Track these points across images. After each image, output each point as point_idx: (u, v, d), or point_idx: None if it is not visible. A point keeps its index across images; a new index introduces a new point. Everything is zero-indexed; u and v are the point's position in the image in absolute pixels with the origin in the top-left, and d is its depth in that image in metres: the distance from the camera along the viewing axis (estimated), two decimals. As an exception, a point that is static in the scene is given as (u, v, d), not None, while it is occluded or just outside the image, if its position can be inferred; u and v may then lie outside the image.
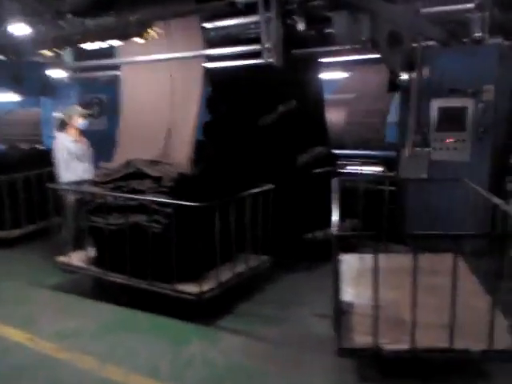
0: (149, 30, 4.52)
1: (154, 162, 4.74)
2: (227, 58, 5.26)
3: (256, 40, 4.72)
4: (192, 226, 4.28)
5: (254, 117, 5.95)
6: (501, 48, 6.21)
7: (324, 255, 4.23)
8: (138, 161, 4.78)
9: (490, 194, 4.55)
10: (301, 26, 4.60)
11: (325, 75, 7.46)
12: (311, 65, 6.63)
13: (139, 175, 4.66)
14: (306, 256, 5.89)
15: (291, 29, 4.97)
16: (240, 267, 4.94)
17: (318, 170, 6.02)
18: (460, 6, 7.23)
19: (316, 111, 6.78)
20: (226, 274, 4.74)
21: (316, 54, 6.05)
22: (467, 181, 4.64)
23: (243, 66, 5.69)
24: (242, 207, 4.93)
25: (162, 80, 5.26)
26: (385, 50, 5.80)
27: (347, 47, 5.66)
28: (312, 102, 6.66)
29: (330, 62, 7.05)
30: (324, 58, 6.60)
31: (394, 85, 8.66)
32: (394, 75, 8.72)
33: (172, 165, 4.82)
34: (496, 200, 4.24)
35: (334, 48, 5.79)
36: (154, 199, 4.43)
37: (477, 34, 6.80)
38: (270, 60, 4.62)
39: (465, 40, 7.10)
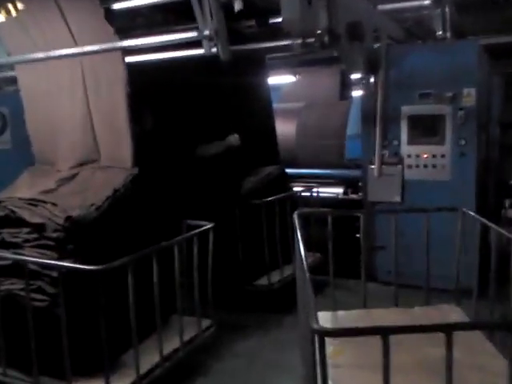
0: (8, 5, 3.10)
1: (36, 201, 3.26)
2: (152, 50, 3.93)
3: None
4: (92, 295, 2.89)
5: (190, 140, 4.59)
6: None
7: (282, 304, 3.53)
8: (13, 200, 3.30)
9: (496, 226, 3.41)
10: (237, 5, 3.31)
11: (269, 80, 6.20)
12: (257, 66, 5.37)
13: (14, 221, 3.20)
14: (259, 308, 4.59)
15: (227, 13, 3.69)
16: (171, 343, 3.52)
17: (269, 199, 4.73)
18: (416, 3, 6.35)
19: (264, 123, 5.52)
20: (149, 357, 3.33)
21: (258, 51, 4.78)
22: (468, 211, 3.54)
23: (176, 67, 4.36)
24: (170, 256, 3.55)
25: (72, 79, 3.79)
26: (345, 44, 4.63)
27: (297, 41, 4.44)
28: (259, 113, 5.39)
29: (274, 64, 5.82)
30: (268, 55, 5.33)
31: (346, 91, 7.69)
32: (346, 79, 7.73)
33: (57, 206, 3.30)
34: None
35: (280, 43, 4.58)
36: (32, 259, 2.98)
37: (439, 33, 5.89)
38: (214, 50, 3.33)
39: (425, 39, 6.24)
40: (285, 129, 6.39)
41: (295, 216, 3.67)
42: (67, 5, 3.52)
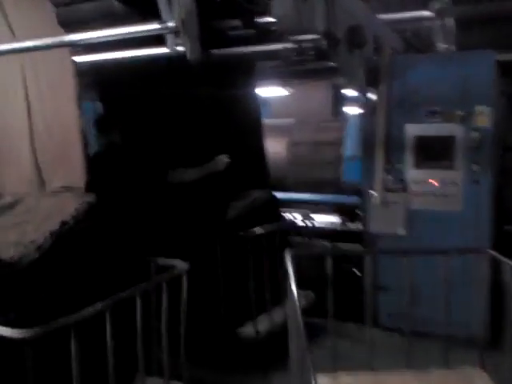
0: None
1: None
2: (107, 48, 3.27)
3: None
4: (20, 365, 2.18)
5: (163, 162, 3.91)
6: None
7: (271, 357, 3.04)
8: None
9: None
10: None
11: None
12: (245, 75, 4.72)
13: None
14: (243, 363, 3.87)
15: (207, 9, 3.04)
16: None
17: (257, 230, 4.03)
18: (417, 13, 5.82)
19: (252, 141, 4.86)
20: None
21: (246, 57, 4.14)
22: (497, 255, 2.91)
23: (147, 70, 3.72)
24: (132, 306, 2.86)
25: (10, 82, 3.09)
26: (343, 52, 4.02)
27: (288, 46, 3.81)
28: (247, 129, 4.74)
29: (263, 74, 5.18)
30: (256, 62, 4.69)
31: (340, 106, 7.08)
32: (339, 93, 7.12)
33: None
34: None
35: (269, 47, 3.96)
36: None
37: (442, 45, 5.37)
38: (179, 48, 2.64)
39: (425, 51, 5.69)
40: (276, 147, 5.75)
41: (287, 256, 3.02)
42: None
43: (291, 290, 2.82)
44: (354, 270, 4.76)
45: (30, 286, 2.44)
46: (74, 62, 2.84)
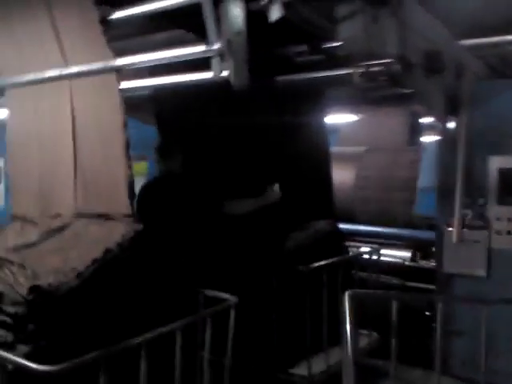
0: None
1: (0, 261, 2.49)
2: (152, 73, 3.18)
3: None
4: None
5: (218, 191, 3.76)
6: None
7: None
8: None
9: None
10: (275, 13, 2.42)
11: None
12: (312, 102, 4.51)
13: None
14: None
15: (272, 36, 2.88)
16: None
17: (318, 263, 3.75)
18: (503, 38, 5.39)
19: (318, 169, 4.62)
20: None
21: (314, 83, 3.95)
22: None
23: (202, 93, 3.61)
24: (170, 343, 2.67)
25: (59, 106, 3.07)
26: (420, 77, 3.71)
27: (358, 70, 3.58)
28: (313, 157, 4.51)
29: (331, 101, 4.95)
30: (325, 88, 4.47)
31: (416, 135, 6.68)
32: (416, 121, 6.72)
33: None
34: None
35: (336, 73, 3.75)
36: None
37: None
38: (224, 73, 2.46)
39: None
40: (343, 177, 5.46)
41: (347, 297, 2.74)
42: (62, 23, 2.83)
43: (346, 332, 2.55)
44: (426, 312, 4.34)
45: (66, 315, 2.31)
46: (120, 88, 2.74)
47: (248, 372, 3.49)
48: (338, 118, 5.79)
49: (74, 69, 2.92)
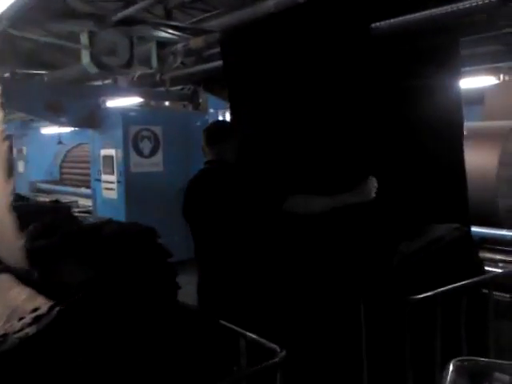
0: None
1: None
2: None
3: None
4: None
5: (285, 179, 2.74)
6: None
7: None
8: None
9: None
10: None
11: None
12: (447, 57, 3.21)
13: None
14: None
15: None
16: None
17: (434, 292, 2.56)
18: None
19: (443, 153, 3.32)
20: None
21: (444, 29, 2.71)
22: None
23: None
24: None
25: None
26: None
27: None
28: (438, 134, 3.23)
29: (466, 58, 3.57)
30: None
31: None
32: None
33: None
34: None
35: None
36: None
37: None
38: None
39: None
40: (481, 162, 4.09)
41: (451, 367, 1.57)
42: None
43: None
44: None
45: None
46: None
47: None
48: (476, 82, 4.35)
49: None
